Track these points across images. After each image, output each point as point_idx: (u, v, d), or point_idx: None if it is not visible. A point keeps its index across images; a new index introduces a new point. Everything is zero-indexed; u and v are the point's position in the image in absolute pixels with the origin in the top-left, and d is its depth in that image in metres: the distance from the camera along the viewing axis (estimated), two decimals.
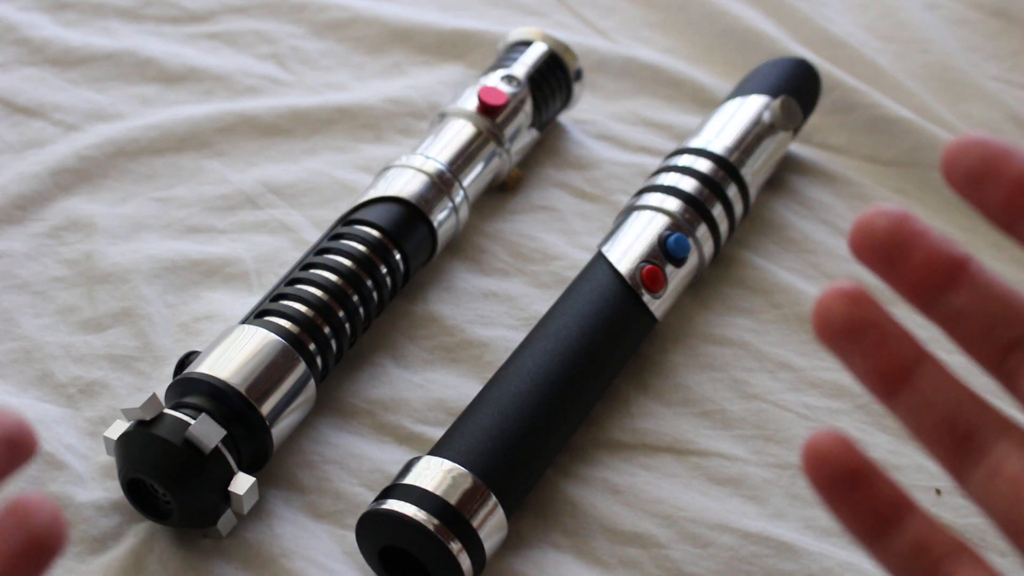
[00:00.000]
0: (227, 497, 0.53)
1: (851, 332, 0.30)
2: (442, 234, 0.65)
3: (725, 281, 0.68)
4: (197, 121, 0.74)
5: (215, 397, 0.54)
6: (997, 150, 0.29)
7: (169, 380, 0.56)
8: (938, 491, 0.58)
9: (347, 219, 0.63)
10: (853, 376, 0.31)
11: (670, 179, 0.66)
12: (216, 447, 0.52)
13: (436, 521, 0.51)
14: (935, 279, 0.30)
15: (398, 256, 0.63)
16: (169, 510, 0.53)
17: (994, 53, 0.84)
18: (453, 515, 0.51)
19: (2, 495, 0.30)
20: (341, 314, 0.59)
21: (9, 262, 0.66)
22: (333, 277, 0.60)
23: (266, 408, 0.55)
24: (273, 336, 0.56)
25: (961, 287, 0.30)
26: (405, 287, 0.65)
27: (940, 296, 0.30)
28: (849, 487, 0.30)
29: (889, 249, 0.30)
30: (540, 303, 0.65)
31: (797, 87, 0.73)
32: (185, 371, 0.56)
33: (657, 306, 0.62)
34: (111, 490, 0.56)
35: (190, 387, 0.55)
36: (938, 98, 0.79)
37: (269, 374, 0.55)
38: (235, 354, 0.55)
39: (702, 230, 0.65)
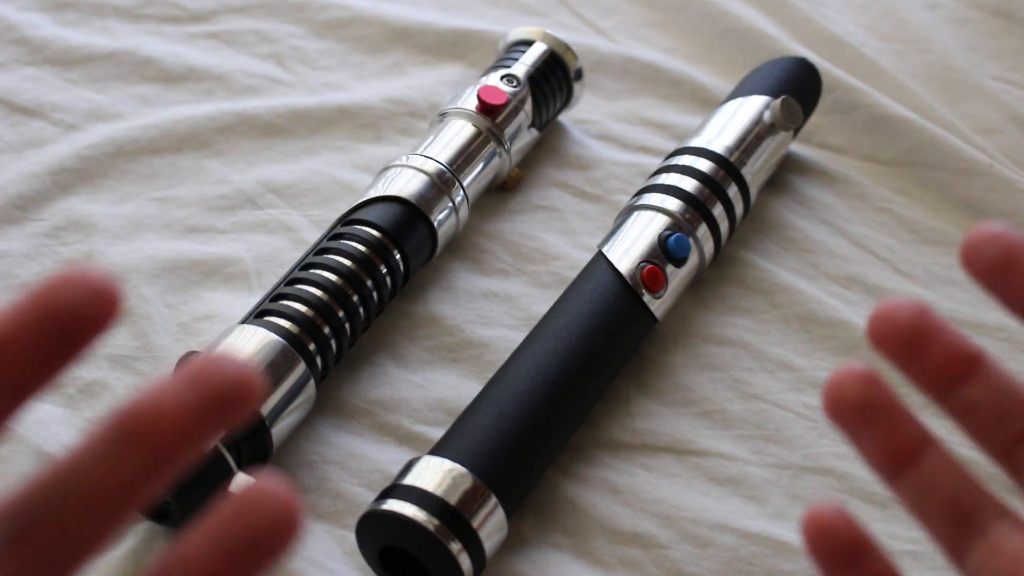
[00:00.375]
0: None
1: (862, 413, 0.31)
2: (442, 234, 0.65)
3: (725, 281, 0.68)
4: (197, 121, 0.74)
5: None
6: (1017, 242, 0.31)
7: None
8: None
9: (347, 219, 0.63)
10: (859, 454, 0.32)
11: (670, 179, 0.66)
12: (216, 447, 0.52)
13: (436, 521, 0.51)
14: (952, 372, 0.31)
15: (398, 256, 0.63)
16: (169, 510, 0.53)
17: (994, 53, 0.84)
18: (453, 515, 0.51)
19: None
20: (341, 314, 0.59)
21: (9, 262, 0.66)
22: (333, 277, 0.60)
23: (266, 408, 0.55)
24: (273, 336, 0.56)
25: (975, 380, 0.31)
26: (405, 287, 0.65)
27: (955, 388, 0.31)
28: (850, 562, 0.31)
29: (909, 341, 0.31)
30: (540, 303, 0.65)
31: (797, 87, 0.73)
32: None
33: (657, 306, 0.62)
34: None
35: None
36: (938, 98, 0.79)
37: (269, 374, 0.55)
38: (235, 354, 0.55)
39: (702, 230, 0.65)
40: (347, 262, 0.60)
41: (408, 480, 0.53)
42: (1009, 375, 0.31)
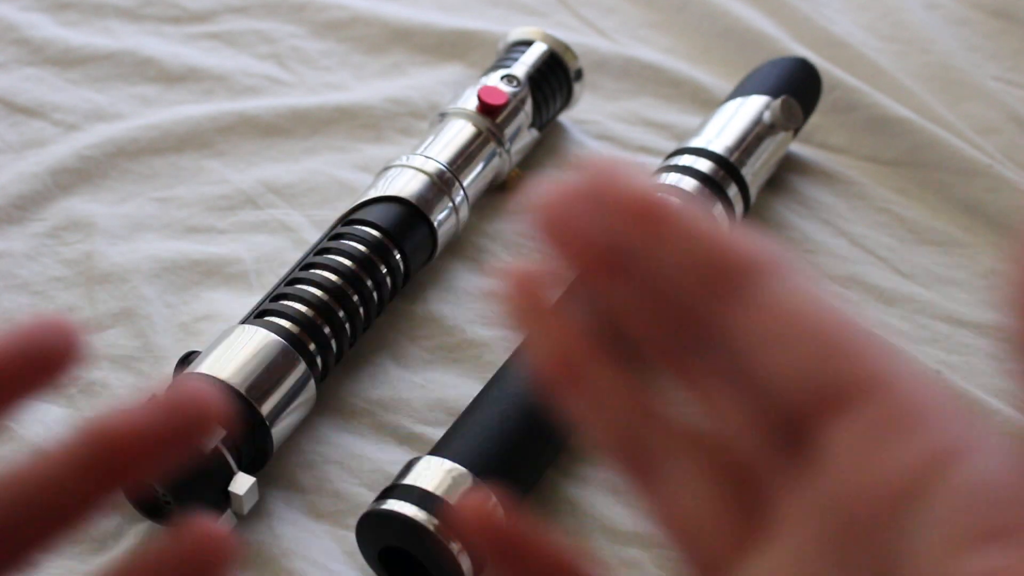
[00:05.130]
0: (227, 497, 0.53)
1: (526, 316, 0.27)
2: (442, 234, 0.65)
3: None
4: (197, 121, 0.74)
5: None
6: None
7: (169, 380, 0.56)
8: None
9: (347, 219, 0.63)
10: (532, 364, 0.28)
11: (670, 179, 0.66)
12: (216, 447, 0.52)
13: (436, 521, 0.51)
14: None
15: (398, 256, 0.63)
16: (169, 510, 0.53)
17: (994, 53, 0.84)
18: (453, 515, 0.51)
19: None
20: (341, 314, 0.59)
21: (9, 262, 0.66)
22: (333, 277, 0.59)
23: (266, 408, 0.55)
24: (273, 336, 0.56)
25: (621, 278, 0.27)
26: (405, 287, 0.65)
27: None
28: (509, 556, 0.28)
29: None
30: None
31: (797, 87, 0.73)
32: (185, 371, 0.56)
33: None
34: None
35: None
36: (938, 98, 0.79)
37: (269, 374, 0.55)
38: (235, 354, 0.55)
39: None
40: (347, 262, 0.60)
41: (408, 480, 0.53)
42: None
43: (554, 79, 0.73)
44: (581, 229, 0.27)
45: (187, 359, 0.57)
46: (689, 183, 0.65)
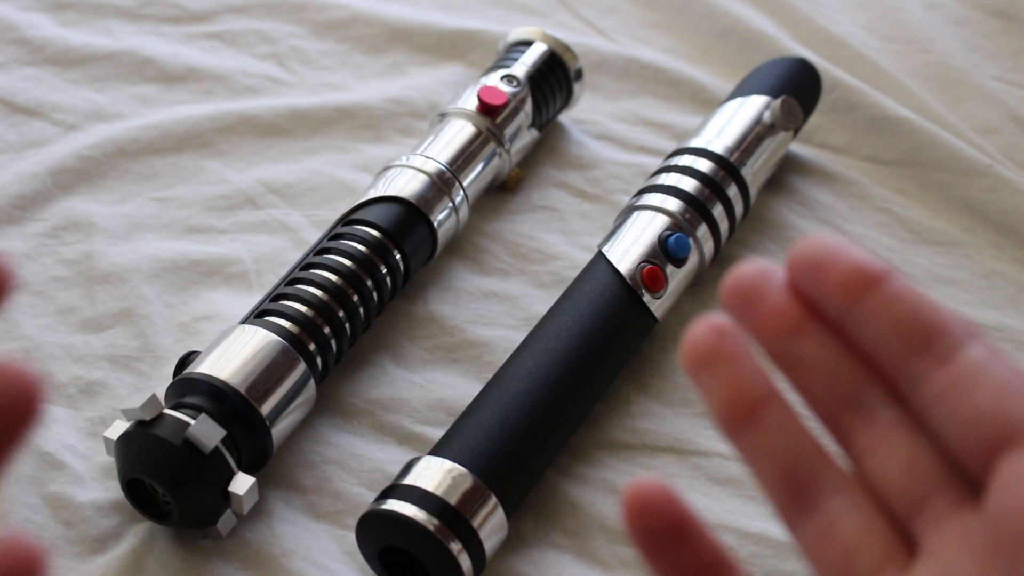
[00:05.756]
0: (227, 497, 0.53)
1: (708, 360, 0.30)
2: (442, 234, 0.65)
3: None
4: (197, 121, 0.74)
5: (215, 397, 0.54)
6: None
7: (169, 380, 0.56)
8: None
9: (347, 219, 0.63)
10: (706, 406, 0.30)
11: (670, 179, 0.66)
12: (216, 447, 0.52)
13: (436, 521, 0.51)
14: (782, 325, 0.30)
15: (398, 256, 0.63)
16: (169, 510, 0.53)
17: (994, 53, 0.84)
18: (453, 515, 0.51)
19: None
20: (341, 314, 0.59)
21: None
22: (333, 277, 0.60)
23: (266, 408, 0.55)
24: (273, 336, 0.56)
25: (808, 336, 0.30)
26: (405, 287, 0.65)
27: (787, 342, 0.30)
28: (669, 542, 0.29)
29: (746, 294, 0.30)
30: (540, 303, 0.65)
31: (797, 87, 0.73)
32: (185, 371, 0.56)
33: (657, 306, 0.62)
34: (111, 490, 0.56)
35: (190, 387, 0.55)
36: (938, 98, 0.79)
37: (269, 374, 0.55)
38: (235, 354, 0.55)
39: (702, 230, 0.65)
40: (347, 262, 0.60)
41: (408, 480, 0.53)
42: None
43: (554, 79, 0.73)
44: (770, 297, 0.30)
45: (187, 359, 0.57)
46: (689, 183, 0.65)
